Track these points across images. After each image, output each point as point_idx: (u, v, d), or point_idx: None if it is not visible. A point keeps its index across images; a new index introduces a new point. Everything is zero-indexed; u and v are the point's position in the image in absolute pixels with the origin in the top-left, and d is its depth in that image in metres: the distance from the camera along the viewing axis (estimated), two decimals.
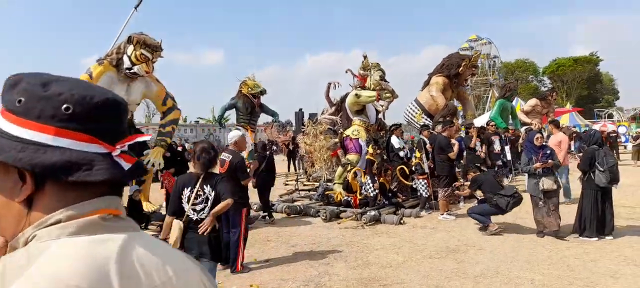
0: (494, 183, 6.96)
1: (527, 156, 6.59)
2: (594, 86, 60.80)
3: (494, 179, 7.16)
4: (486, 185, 6.94)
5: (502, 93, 18.05)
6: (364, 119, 9.73)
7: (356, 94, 9.27)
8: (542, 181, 6.28)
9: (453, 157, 10.22)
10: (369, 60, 9.43)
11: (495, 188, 6.84)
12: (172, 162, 7.95)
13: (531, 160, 6.46)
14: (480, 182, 7.05)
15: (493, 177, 7.28)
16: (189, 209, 3.70)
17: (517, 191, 6.88)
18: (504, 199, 6.63)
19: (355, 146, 9.43)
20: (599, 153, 6.12)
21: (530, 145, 6.66)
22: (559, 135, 9.03)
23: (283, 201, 9.91)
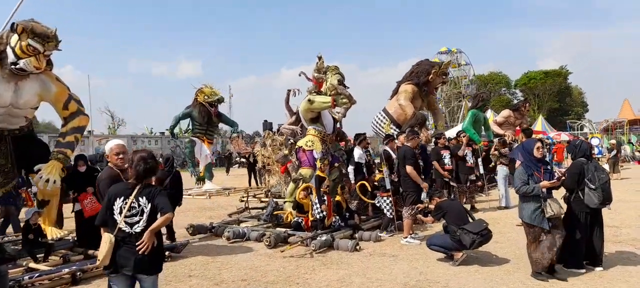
0: (459, 214, 5.85)
1: (527, 172, 5.00)
2: (564, 99, 61.67)
3: (460, 209, 6.03)
4: (451, 216, 5.84)
5: (474, 103, 17.24)
6: (319, 128, 8.57)
7: (309, 99, 8.12)
8: (549, 206, 4.85)
9: (448, 168, 9.26)
10: (324, 62, 8.29)
11: (460, 221, 5.74)
12: (87, 180, 6.55)
13: (531, 178, 4.97)
14: (445, 211, 5.94)
15: (459, 207, 6.12)
16: (122, 222, 3.36)
17: (487, 228, 5.70)
18: (469, 236, 5.51)
19: (309, 159, 8.25)
20: (588, 168, 5.08)
21: (528, 157, 5.09)
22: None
23: (226, 223, 8.60)
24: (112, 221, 3.40)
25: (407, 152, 6.99)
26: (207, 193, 14.71)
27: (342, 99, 7.86)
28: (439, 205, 6.06)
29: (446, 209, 5.91)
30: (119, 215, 3.37)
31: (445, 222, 5.99)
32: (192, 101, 16.00)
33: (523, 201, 5.05)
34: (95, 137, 33.38)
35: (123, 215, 3.36)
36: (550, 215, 4.84)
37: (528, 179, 4.96)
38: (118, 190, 3.49)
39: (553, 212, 4.82)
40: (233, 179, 22.47)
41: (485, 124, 16.67)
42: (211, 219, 10.02)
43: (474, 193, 10.27)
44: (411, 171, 6.88)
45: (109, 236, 3.34)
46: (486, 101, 16.76)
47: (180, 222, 9.81)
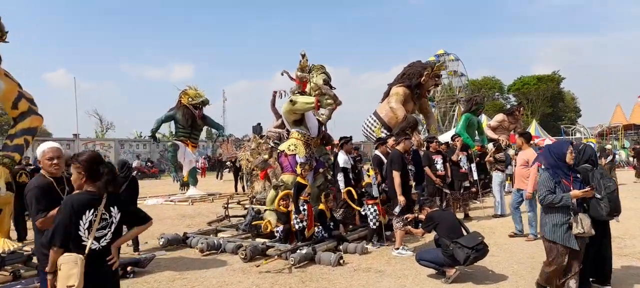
0: (452, 226, 5.28)
1: (553, 179, 4.22)
2: (556, 104, 61.62)
3: (453, 220, 5.42)
4: (443, 228, 5.28)
5: (468, 106, 16.75)
6: (303, 131, 7.99)
7: (291, 99, 7.54)
8: (580, 221, 4.07)
9: (441, 174, 8.73)
10: (307, 60, 7.73)
11: (453, 233, 5.18)
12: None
13: (558, 186, 4.17)
14: (436, 223, 5.36)
15: (452, 218, 5.50)
16: (91, 237, 2.89)
17: (482, 241, 5.13)
18: (463, 251, 4.94)
19: (292, 164, 7.66)
20: (593, 175, 4.53)
21: (556, 162, 4.31)
22: (528, 152, 7.54)
23: (202, 233, 7.99)
24: (76, 238, 2.88)
25: (394, 156, 6.44)
26: (190, 199, 14.07)
27: (326, 100, 7.30)
28: (430, 215, 5.48)
29: (438, 220, 5.34)
30: (86, 230, 2.90)
31: (437, 235, 5.44)
32: (176, 103, 15.37)
33: (546, 213, 4.25)
34: (82, 141, 32.56)
35: (94, 229, 2.92)
36: (578, 233, 4.05)
37: (555, 187, 4.17)
38: (82, 201, 2.94)
39: (583, 229, 4.04)
40: (222, 184, 21.85)
41: (479, 128, 16.18)
42: (189, 228, 9.42)
43: (467, 200, 9.74)
44: (396, 177, 6.32)
45: (75, 257, 2.82)
46: (480, 105, 16.27)
47: (156, 231, 9.19)
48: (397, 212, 6.33)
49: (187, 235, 7.59)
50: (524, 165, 7.38)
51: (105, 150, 33.37)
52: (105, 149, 33.42)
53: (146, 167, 31.45)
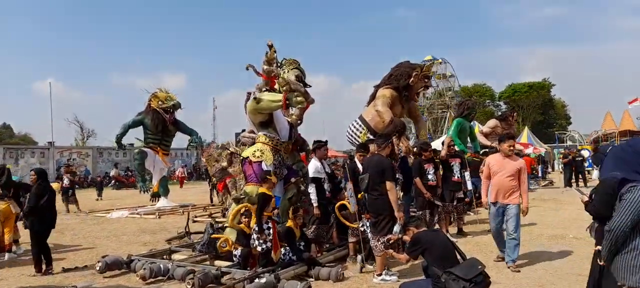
0: (444, 252, 4.18)
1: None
2: (547, 111, 61.29)
3: (445, 244, 4.30)
4: (433, 253, 4.19)
5: (459, 111, 15.74)
6: (271, 135, 6.88)
7: (255, 97, 6.43)
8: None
9: (432, 184, 7.59)
10: (276, 52, 6.62)
11: (446, 261, 4.09)
12: None
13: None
14: (424, 247, 4.26)
15: (444, 241, 4.36)
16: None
17: (482, 272, 4.04)
18: (458, 284, 3.87)
19: (257, 173, 6.53)
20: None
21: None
22: (515, 159, 6.05)
23: (149, 254, 6.79)
24: None
25: (386, 164, 5.35)
26: (158, 212, 12.84)
27: (296, 97, 6.19)
28: (417, 237, 4.38)
29: (426, 244, 4.24)
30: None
31: (425, 262, 4.34)
32: (145, 107, 14.18)
33: (627, 250, 2.80)
34: (57, 149, 31.09)
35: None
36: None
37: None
38: None
39: None
40: (205, 195, 20.60)
41: (471, 134, 15.17)
42: (146, 246, 8.28)
43: (462, 214, 8.67)
44: (391, 190, 5.23)
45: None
46: (472, 109, 15.28)
47: (106, 249, 8.03)
48: (398, 230, 5.18)
49: (131, 257, 6.40)
50: (513, 176, 5.84)
51: (82, 158, 31.95)
52: (82, 157, 32.00)
53: (124, 176, 30.06)
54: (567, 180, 19.49)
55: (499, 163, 6.00)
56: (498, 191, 5.94)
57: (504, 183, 5.88)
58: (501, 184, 5.90)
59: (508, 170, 5.88)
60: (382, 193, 5.27)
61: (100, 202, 18.26)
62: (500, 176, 5.91)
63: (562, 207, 12.45)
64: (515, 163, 5.97)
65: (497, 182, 5.94)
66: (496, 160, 6.09)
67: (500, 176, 5.91)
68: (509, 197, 5.87)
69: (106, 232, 10.22)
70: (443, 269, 3.98)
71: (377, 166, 5.36)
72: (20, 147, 30.56)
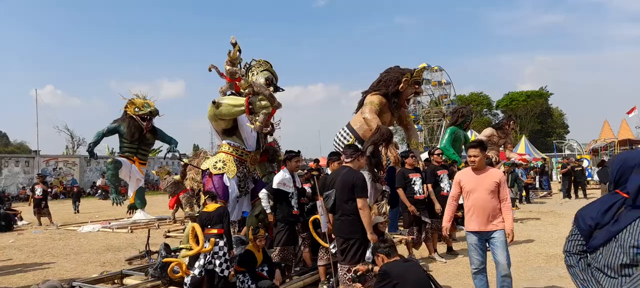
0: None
1: None
2: (545, 120, 60.77)
3: (419, 278, 3.55)
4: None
5: (453, 119, 15.05)
6: (235, 144, 6.15)
7: (214, 101, 5.69)
8: None
9: (419, 197, 6.81)
10: (240, 50, 5.88)
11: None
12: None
13: None
14: (394, 282, 3.50)
15: (418, 274, 3.60)
16: None
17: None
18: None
19: (218, 187, 5.79)
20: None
21: None
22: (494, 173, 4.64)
23: (93, 280, 6.00)
24: None
25: (358, 179, 4.58)
26: (130, 226, 12.03)
27: (260, 102, 5.45)
28: (386, 270, 3.63)
29: (397, 278, 3.48)
30: None
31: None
32: (121, 114, 13.41)
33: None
34: (43, 158, 30.23)
35: None
36: None
37: None
38: None
39: None
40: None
41: (466, 142, 14.46)
42: (104, 266, 7.52)
43: (452, 231, 7.92)
44: (364, 208, 4.46)
45: None
46: (467, 117, 14.58)
47: (58, 269, 7.27)
48: (371, 257, 4.43)
49: (73, 283, 5.62)
50: (493, 192, 4.45)
51: (69, 167, 31.10)
52: (69, 167, 31.15)
53: None
54: (566, 190, 18.74)
55: (473, 178, 4.59)
56: (478, 215, 4.46)
57: (484, 204, 4.44)
58: (481, 206, 4.46)
59: (486, 186, 4.46)
60: (351, 213, 4.52)
61: (77, 214, 17.37)
62: (477, 195, 4.49)
63: (562, 221, 11.70)
64: (492, 175, 4.54)
65: (474, 204, 4.51)
66: (469, 176, 4.65)
67: (477, 195, 4.49)
68: (493, 222, 4.45)
69: (68, 248, 9.42)
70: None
71: (346, 180, 4.61)
72: (3, 156, 29.69)
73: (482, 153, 4.67)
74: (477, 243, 4.54)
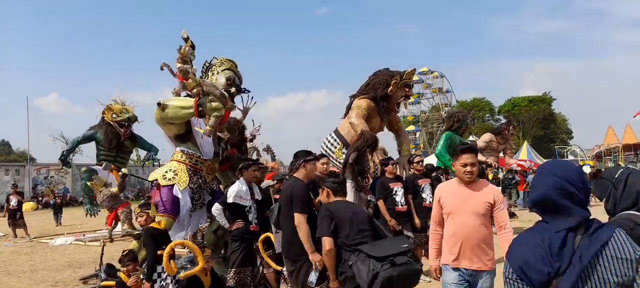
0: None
1: None
2: (548, 126, 59.90)
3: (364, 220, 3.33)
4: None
5: (449, 124, 14.24)
6: (190, 151, 5.48)
7: (159, 103, 5.04)
8: None
9: (401, 209, 6.13)
10: (193, 46, 5.23)
11: None
12: None
13: None
14: (336, 222, 3.26)
15: (364, 218, 3.36)
16: None
17: (407, 251, 3.33)
18: (368, 264, 3.12)
19: (166, 200, 5.12)
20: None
21: None
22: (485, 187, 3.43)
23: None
24: None
25: (295, 190, 3.88)
26: (103, 239, 11.35)
27: (210, 103, 4.80)
28: (328, 208, 3.36)
29: (339, 219, 3.29)
30: None
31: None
32: (99, 121, 12.77)
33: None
34: (34, 166, 29.69)
35: None
36: None
37: None
38: None
39: None
40: None
41: None
42: (56, 285, 6.85)
43: None
44: (300, 225, 3.76)
45: None
46: (463, 122, 13.78)
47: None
48: (314, 281, 3.76)
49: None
50: (484, 215, 3.27)
51: (62, 176, 30.51)
52: (62, 175, 30.56)
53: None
54: None
55: (458, 195, 3.38)
56: (460, 245, 3.27)
57: (470, 232, 3.25)
58: (465, 234, 3.26)
59: (475, 207, 3.28)
60: (291, 229, 3.83)
61: (59, 227, 16.70)
62: (462, 220, 3.30)
63: None
64: (485, 193, 3.33)
65: (457, 231, 3.30)
66: (452, 191, 3.44)
67: (462, 220, 3.30)
68: (481, 258, 3.25)
69: (28, 265, 8.79)
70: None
71: (285, 192, 3.96)
72: (19, 165, 29.21)
73: (477, 161, 3.42)
74: (457, 284, 3.29)
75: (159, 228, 4.59)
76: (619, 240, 1.53)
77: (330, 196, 3.56)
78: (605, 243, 1.52)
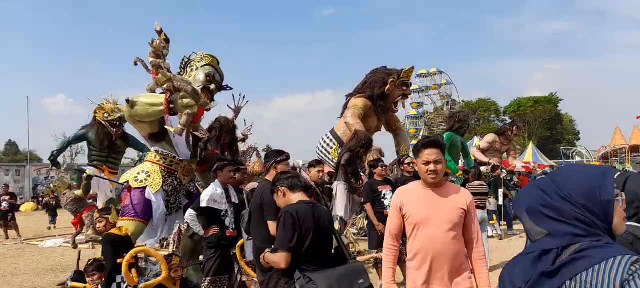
0: None
1: None
2: (555, 127, 59.17)
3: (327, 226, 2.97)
4: None
5: (450, 124, 13.86)
6: (165, 151, 5.18)
7: (128, 100, 4.73)
8: None
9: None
10: (166, 40, 4.91)
11: None
12: None
13: None
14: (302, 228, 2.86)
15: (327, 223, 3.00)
16: None
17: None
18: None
19: (137, 203, 4.81)
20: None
21: None
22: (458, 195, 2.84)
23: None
24: None
25: (266, 195, 3.55)
26: (93, 241, 11.07)
27: (182, 99, 4.49)
28: (289, 212, 2.89)
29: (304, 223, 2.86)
30: None
31: None
32: (90, 121, 12.51)
33: None
34: (35, 167, 29.55)
35: None
36: None
37: None
38: None
39: None
40: None
41: (463, 149, 13.36)
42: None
43: None
44: (273, 230, 3.43)
45: None
46: (464, 122, 13.41)
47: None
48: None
49: None
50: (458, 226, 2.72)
51: (63, 176, 30.34)
52: (63, 176, 30.40)
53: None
54: None
55: (424, 201, 2.75)
56: (430, 264, 2.69)
57: (440, 247, 2.68)
58: (434, 249, 2.68)
59: (446, 216, 2.69)
60: (266, 239, 3.50)
61: (52, 229, 16.46)
62: (430, 231, 2.70)
63: None
64: (456, 196, 2.76)
65: (424, 245, 2.71)
66: (417, 197, 2.79)
67: (430, 231, 2.70)
68: (455, 277, 2.72)
69: (12, 268, 8.53)
70: None
71: (255, 197, 3.63)
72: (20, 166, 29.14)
73: (443, 158, 2.79)
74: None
75: (119, 235, 4.28)
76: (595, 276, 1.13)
77: (287, 195, 3.11)
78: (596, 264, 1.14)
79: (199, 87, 5.19)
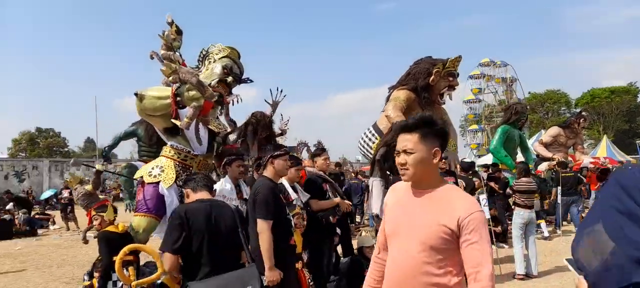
0: None
1: None
2: (634, 119, 54.11)
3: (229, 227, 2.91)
4: None
5: (506, 117, 12.81)
6: (180, 146, 5.05)
7: (136, 93, 4.62)
8: None
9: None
10: (178, 31, 4.76)
11: None
12: None
13: None
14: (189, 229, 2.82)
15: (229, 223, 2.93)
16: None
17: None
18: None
19: (150, 199, 4.72)
20: None
21: None
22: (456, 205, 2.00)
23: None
24: None
25: (260, 193, 3.27)
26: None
27: (188, 92, 4.31)
28: (178, 212, 2.89)
29: (193, 224, 2.81)
30: None
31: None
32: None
33: None
34: (84, 162, 31.51)
35: None
36: None
37: None
38: None
39: None
40: None
41: (522, 143, 12.32)
42: (67, 285, 6.82)
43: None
44: (262, 234, 3.15)
45: None
46: (522, 114, 12.34)
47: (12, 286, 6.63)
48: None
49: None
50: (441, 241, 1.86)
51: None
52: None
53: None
54: None
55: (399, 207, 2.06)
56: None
57: (407, 270, 1.91)
58: (402, 270, 1.94)
59: (420, 229, 1.90)
60: (256, 240, 3.21)
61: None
62: (396, 247, 2.00)
63: None
64: (441, 208, 1.89)
65: (389, 265, 2.04)
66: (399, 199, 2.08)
67: (396, 247, 2.00)
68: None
69: (60, 259, 8.94)
70: None
71: (251, 194, 3.35)
72: (65, 161, 31.33)
73: (426, 145, 1.91)
74: None
75: (116, 232, 4.18)
76: None
77: (190, 196, 3.07)
78: None
79: (215, 79, 5.02)
